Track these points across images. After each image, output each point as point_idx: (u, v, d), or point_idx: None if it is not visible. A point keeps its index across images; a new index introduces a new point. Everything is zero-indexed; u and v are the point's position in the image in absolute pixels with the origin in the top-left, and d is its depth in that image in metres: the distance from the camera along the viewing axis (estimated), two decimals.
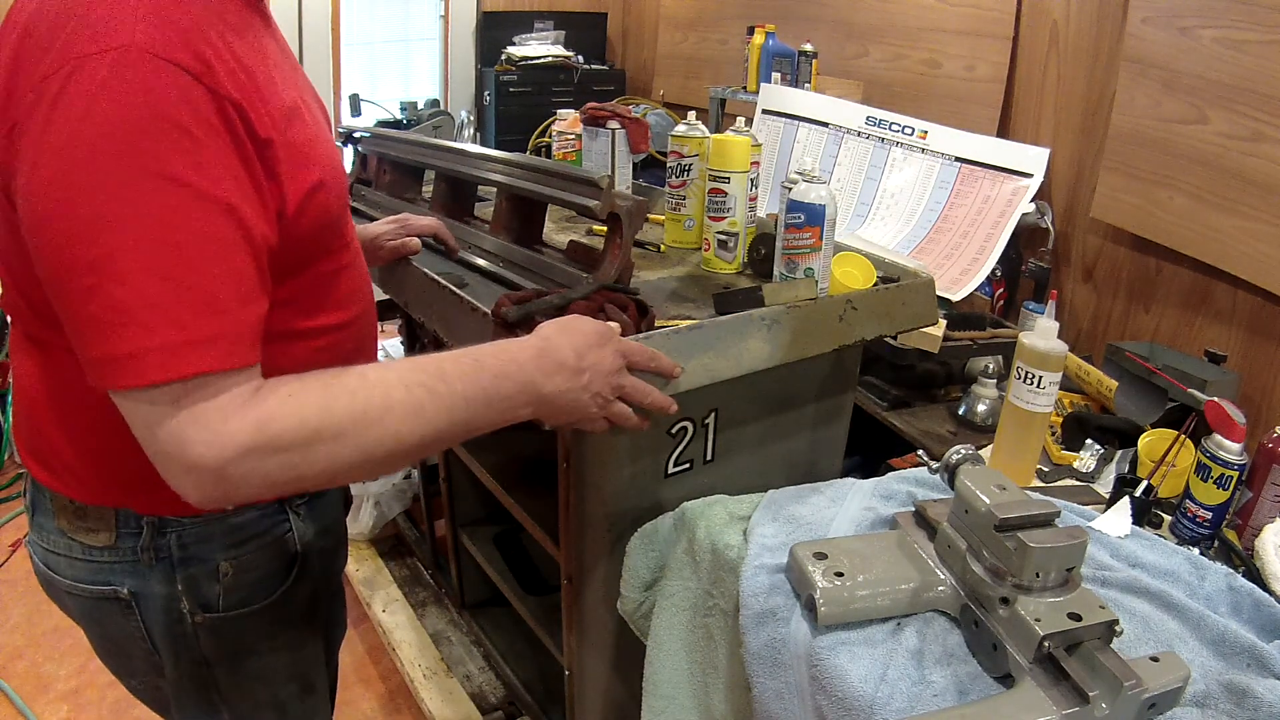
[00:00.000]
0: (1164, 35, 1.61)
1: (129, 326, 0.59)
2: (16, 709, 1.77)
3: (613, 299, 0.98)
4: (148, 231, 0.59)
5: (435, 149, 1.47)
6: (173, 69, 0.59)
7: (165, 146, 0.59)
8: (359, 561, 1.98)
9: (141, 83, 0.58)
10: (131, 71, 0.58)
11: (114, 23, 0.59)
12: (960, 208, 1.89)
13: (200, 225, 0.61)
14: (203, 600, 0.80)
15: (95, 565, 0.78)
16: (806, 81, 2.37)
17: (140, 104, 0.58)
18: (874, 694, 0.73)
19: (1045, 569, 0.72)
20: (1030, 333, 1.15)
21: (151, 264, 0.59)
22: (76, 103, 0.58)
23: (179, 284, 0.60)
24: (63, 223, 0.58)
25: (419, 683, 1.62)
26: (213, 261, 0.61)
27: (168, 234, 0.59)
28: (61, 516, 0.78)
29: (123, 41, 0.58)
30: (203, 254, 0.61)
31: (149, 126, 0.58)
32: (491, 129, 3.60)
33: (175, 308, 0.60)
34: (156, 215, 0.59)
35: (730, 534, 0.95)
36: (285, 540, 0.85)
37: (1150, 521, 1.14)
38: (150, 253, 0.59)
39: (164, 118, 0.59)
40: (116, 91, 0.58)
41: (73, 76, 0.58)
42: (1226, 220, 1.52)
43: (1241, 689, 0.71)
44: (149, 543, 0.77)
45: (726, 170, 1.27)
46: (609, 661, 1.19)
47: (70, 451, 0.76)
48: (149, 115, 0.58)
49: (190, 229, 0.60)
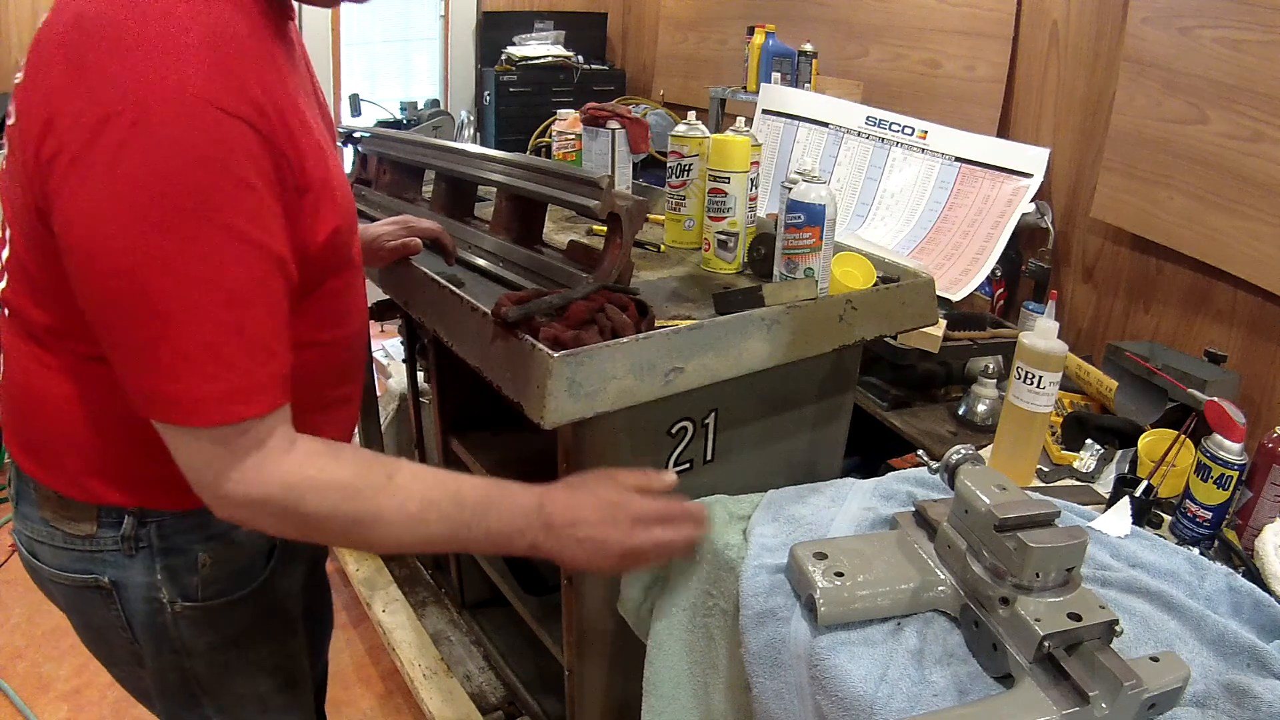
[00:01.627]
0: (1164, 35, 1.61)
1: (192, 372, 0.63)
2: (16, 709, 1.77)
3: (613, 299, 0.98)
4: (212, 281, 0.62)
5: (435, 149, 1.47)
6: (235, 122, 0.61)
7: (229, 199, 0.62)
8: (359, 561, 1.98)
9: (208, 135, 0.60)
10: (199, 124, 0.60)
11: (177, 67, 0.60)
12: (960, 208, 1.89)
13: (257, 274, 0.65)
14: (182, 590, 0.82)
15: (77, 554, 0.80)
16: (806, 81, 2.37)
17: (208, 158, 0.60)
18: (874, 694, 0.73)
19: (1045, 569, 0.73)
20: (1030, 333, 1.15)
21: (216, 313, 0.63)
22: (141, 152, 0.59)
23: (239, 332, 0.64)
24: (127, 268, 0.61)
25: (419, 683, 1.62)
26: (265, 309, 0.66)
27: (230, 284, 0.63)
28: (45, 506, 0.80)
29: (189, 92, 0.60)
30: (258, 302, 0.65)
31: (216, 180, 0.61)
32: (491, 129, 3.60)
33: (235, 355, 0.64)
34: (220, 265, 0.62)
35: (730, 534, 0.95)
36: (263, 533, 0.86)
37: (1150, 521, 1.14)
38: (215, 302, 0.63)
39: (229, 172, 0.62)
40: (185, 145, 0.59)
41: (138, 124, 0.59)
42: (1226, 220, 1.52)
43: (1241, 689, 0.71)
44: (130, 533, 0.79)
45: (726, 170, 1.27)
46: (609, 661, 1.19)
47: (63, 446, 0.77)
48: (216, 170, 0.61)
49: (249, 278, 0.64)
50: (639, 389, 0.92)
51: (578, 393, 0.88)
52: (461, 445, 1.51)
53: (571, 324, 0.94)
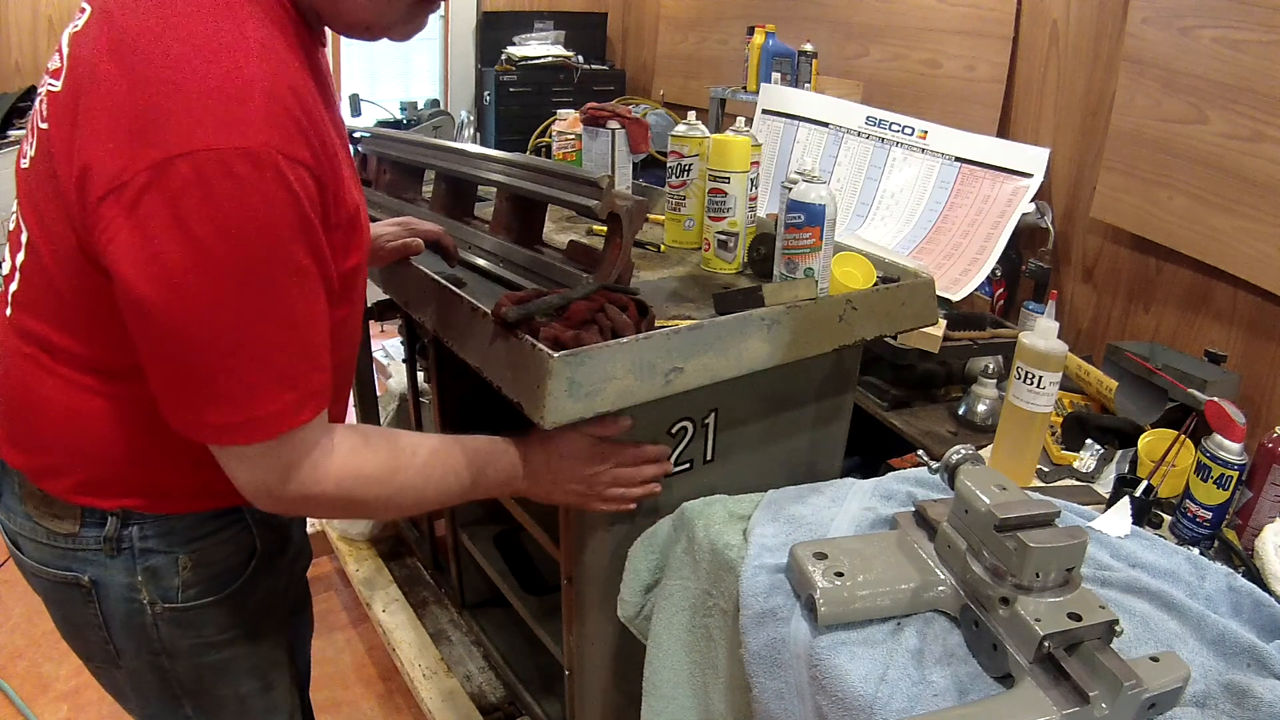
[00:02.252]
0: (1164, 35, 1.61)
1: (255, 398, 0.67)
2: (16, 709, 1.77)
3: (613, 299, 0.98)
4: (281, 317, 0.66)
5: (435, 149, 1.47)
6: (295, 166, 0.63)
7: (297, 243, 0.65)
8: (359, 561, 1.98)
9: (273, 181, 0.62)
10: (262, 170, 0.61)
11: (238, 110, 0.60)
12: (960, 208, 1.89)
13: (317, 304, 0.70)
14: (162, 592, 0.82)
15: (59, 551, 0.80)
16: (806, 81, 2.37)
17: (274, 203, 0.62)
18: (874, 694, 0.73)
19: (1045, 569, 0.73)
20: (1030, 333, 1.15)
21: (281, 344, 0.67)
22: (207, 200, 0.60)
23: (298, 354, 0.69)
24: (196, 314, 0.63)
25: (419, 683, 1.62)
26: (320, 329, 0.71)
27: (295, 316, 0.67)
28: (29, 502, 0.80)
29: (252, 137, 0.60)
30: (315, 324, 0.70)
31: (282, 225, 0.63)
32: (491, 129, 3.60)
33: (294, 375, 0.69)
34: (289, 303, 0.66)
35: (730, 534, 0.96)
36: (245, 535, 0.87)
37: (1150, 521, 1.14)
38: (281, 335, 0.67)
39: (295, 214, 0.64)
40: (251, 191, 0.61)
41: (201, 169, 0.59)
42: (1226, 220, 1.52)
43: (1241, 689, 0.71)
44: (112, 534, 0.79)
45: (726, 170, 1.27)
46: (609, 661, 1.19)
47: (54, 447, 0.77)
48: (282, 213, 0.63)
49: (309, 308, 0.69)
50: (639, 389, 0.92)
51: (578, 393, 0.88)
52: None
53: (571, 324, 0.94)
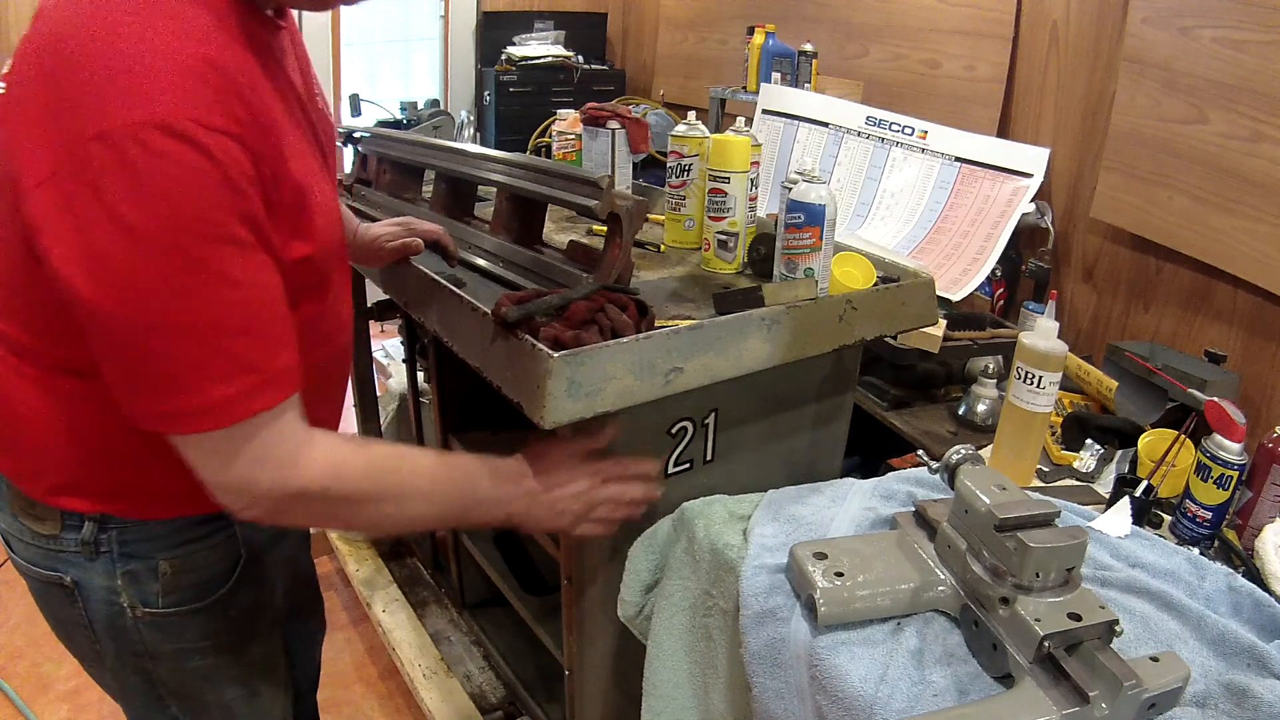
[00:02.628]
0: (1164, 35, 1.61)
1: (206, 382, 0.64)
2: (16, 709, 1.77)
3: (613, 299, 0.98)
4: (221, 293, 0.63)
5: (435, 149, 1.47)
6: (218, 135, 0.62)
7: (226, 212, 0.63)
8: (359, 562, 1.98)
9: (199, 152, 0.60)
10: (186, 144, 0.60)
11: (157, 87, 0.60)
12: (960, 208, 1.89)
13: (260, 275, 0.66)
14: (142, 596, 0.82)
15: (43, 551, 0.80)
16: (806, 81, 2.37)
17: (200, 174, 0.61)
18: (874, 694, 0.73)
19: (1045, 569, 0.73)
20: (1030, 333, 1.15)
21: (226, 322, 0.64)
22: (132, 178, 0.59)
23: (248, 333, 0.66)
24: (133, 296, 0.61)
25: (419, 683, 1.62)
26: (272, 305, 0.68)
27: (239, 291, 0.64)
28: (15, 503, 0.81)
29: (170, 113, 0.60)
30: (265, 300, 0.67)
31: (211, 196, 0.62)
32: (491, 129, 3.60)
33: (249, 355, 0.66)
34: (227, 276, 0.64)
35: (730, 533, 0.96)
36: (229, 544, 0.86)
37: (1150, 521, 1.14)
38: (225, 313, 0.64)
39: (223, 184, 0.62)
40: (176, 165, 0.60)
41: (121, 149, 0.59)
42: (1226, 220, 1.52)
43: (1241, 689, 0.71)
44: (90, 538, 0.79)
45: (726, 170, 1.27)
46: (609, 661, 1.19)
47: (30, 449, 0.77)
48: (210, 185, 0.61)
49: (254, 280, 0.66)
50: (639, 389, 0.92)
51: (578, 393, 0.88)
52: (461, 445, 1.51)
53: (571, 324, 0.94)
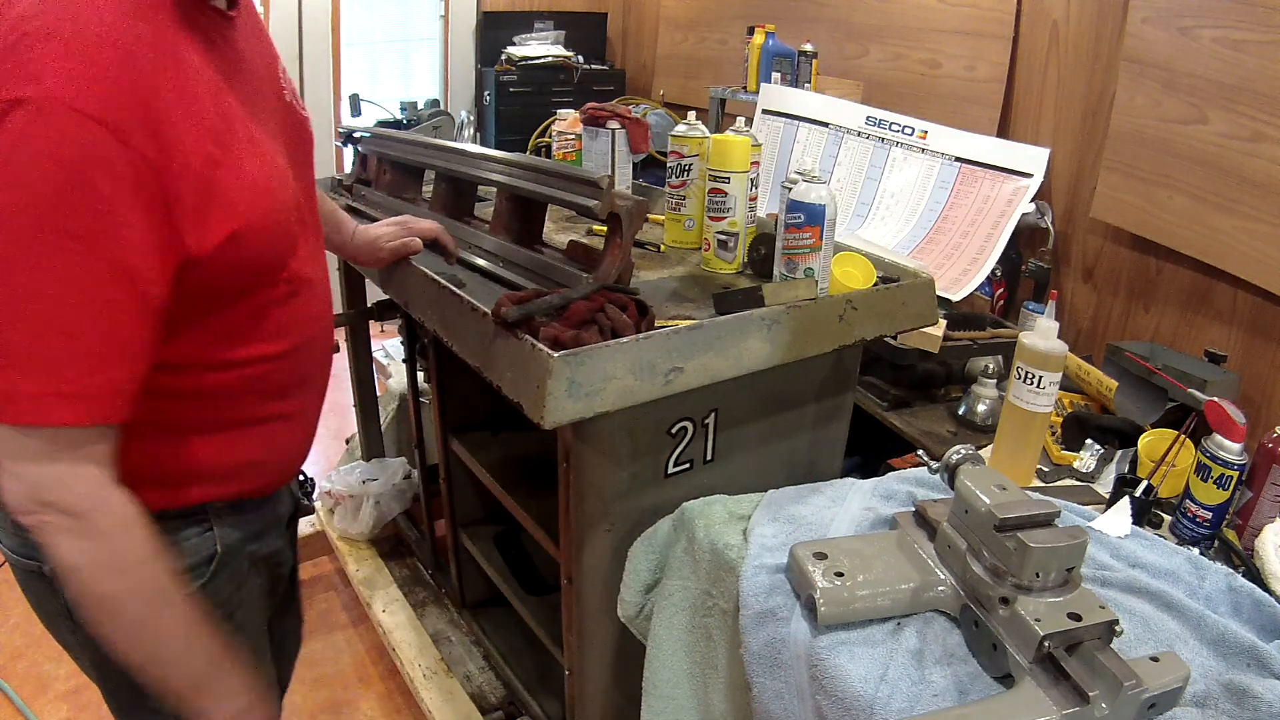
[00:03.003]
0: (1164, 35, 1.61)
1: (9, 368, 0.62)
2: (16, 709, 1.77)
3: (613, 299, 0.98)
4: (44, 285, 0.61)
5: (435, 149, 1.47)
6: (90, 123, 0.60)
7: (73, 204, 0.60)
8: (359, 561, 1.98)
9: (57, 137, 0.59)
10: (49, 125, 0.59)
11: (41, 64, 0.59)
12: (960, 208, 1.89)
13: (95, 283, 0.63)
14: None
15: (22, 539, 0.80)
16: (806, 81, 2.37)
17: (54, 159, 0.59)
18: (874, 694, 0.73)
19: (1045, 569, 0.73)
20: (1030, 333, 1.15)
21: (43, 316, 0.62)
22: None
23: (66, 335, 0.63)
24: None
25: (419, 683, 1.62)
26: (101, 319, 0.64)
27: (63, 289, 0.62)
28: None
29: (45, 91, 0.59)
30: (92, 311, 0.63)
31: (59, 183, 0.60)
32: (491, 129, 3.60)
33: (57, 358, 0.63)
34: (54, 271, 0.61)
35: (730, 533, 0.96)
36: (203, 540, 0.85)
37: (1150, 521, 1.14)
38: (44, 304, 0.61)
39: (76, 175, 0.60)
40: (32, 144, 0.59)
41: None
42: (1226, 220, 1.52)
43: (1241, 689, 0.71)
44: None
45: (726, 170, 1.27)
46: (609, 661, 1.19)
47: None
48: (61, 172, 0.60)
49: (84, 286, 0.62)
50: (639, 389, 0.92)
51: (578, 393, 0.88)
52: (461, 445, 1.51)
53: (571, 324, 0.94)
